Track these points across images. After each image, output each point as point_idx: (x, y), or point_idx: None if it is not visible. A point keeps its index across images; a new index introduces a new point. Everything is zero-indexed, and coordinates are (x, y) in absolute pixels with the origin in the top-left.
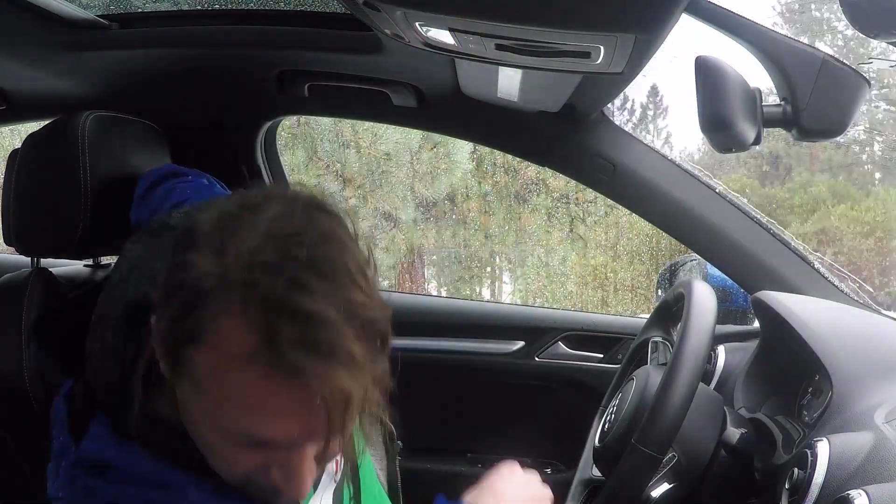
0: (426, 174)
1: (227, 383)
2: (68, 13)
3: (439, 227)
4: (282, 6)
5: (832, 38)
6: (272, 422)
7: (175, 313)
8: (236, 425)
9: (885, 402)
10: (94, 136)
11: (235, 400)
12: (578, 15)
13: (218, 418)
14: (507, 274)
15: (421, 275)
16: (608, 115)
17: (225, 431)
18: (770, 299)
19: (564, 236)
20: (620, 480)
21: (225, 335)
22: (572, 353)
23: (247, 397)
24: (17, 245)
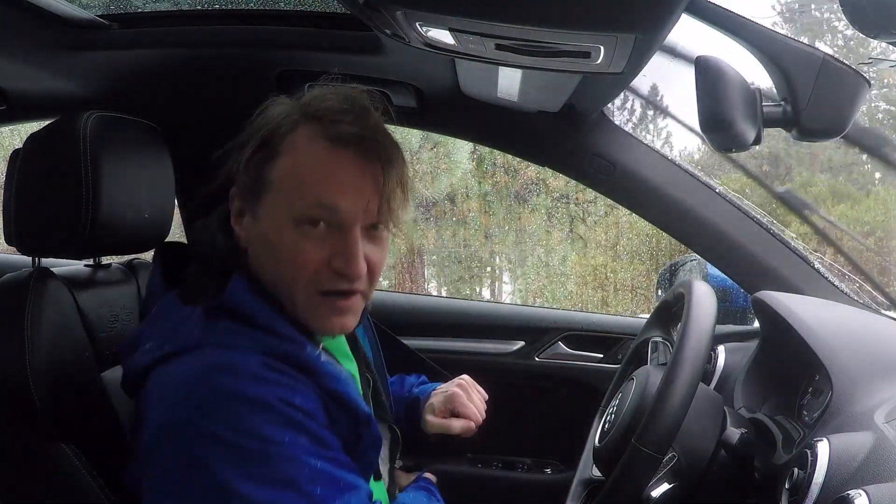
0: (426, 174)
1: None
2: (68, 13)
3: (439, 227)
4: (282, 6)
5: (832, 38)
6: (337, 189)
7: (257, 145)
8: (309, 199)
9: (885, 402)
10: (96, 136)
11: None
12: (578, 15)
13: (295, 205)
14: (507, 274)
15: (421, 275)
16: (608, 115)
17: (300, 217)
18: (770, 299)
19: (564, 236)
20: (620, 480)
21: (296, 140)
22: (572, 353)
23: (316, 171)
24: (18, 245)
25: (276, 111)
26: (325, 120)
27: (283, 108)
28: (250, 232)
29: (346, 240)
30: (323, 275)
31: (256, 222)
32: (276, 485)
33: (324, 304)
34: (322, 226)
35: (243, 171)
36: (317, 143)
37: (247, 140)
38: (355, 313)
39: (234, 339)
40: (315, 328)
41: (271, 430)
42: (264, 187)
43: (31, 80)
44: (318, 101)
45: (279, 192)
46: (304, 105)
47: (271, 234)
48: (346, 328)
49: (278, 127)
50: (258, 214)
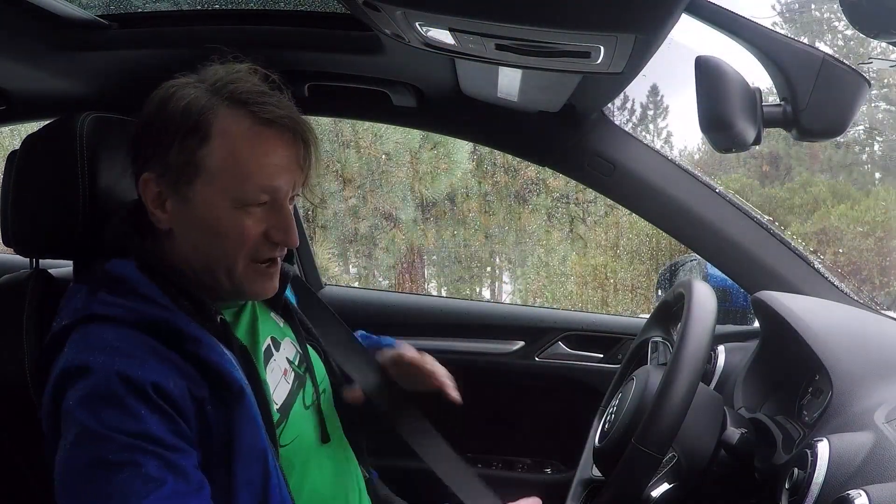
0: (426, 174)
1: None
2: (68, 13)
3: (439, 227)
4: (282, 6)
5: (832, 38)
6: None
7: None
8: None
9: (885, 402)
10: (93, 137)
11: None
12: (578, 15)
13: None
14: (507, 274)
15: (421, 275)
16: (608, 115)
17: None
18: (770, 299)
19: (564, 236)
20: (620, 480)
21: (225, 125)
22: (572, 353)
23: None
24: (16, 246)
25: (190, 96)
26: (251, 104)
27: (198, 92)
28: (176, 214)
29: (282, 214)
30: (260, 247)
31: (187, 204)
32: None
33: (257, 272)
34: (260, 206)
35: (164, 155)
36: (249, 129)
37: (163, 126)
38: (279, 275)
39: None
40: (248, 293)
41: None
42: (196, 173)
43: (31, 80)
44: (234, 85)
45: (217, 179)
46: (220, 88)
47: (209, 214)
48: (274, 290)
49: (202, 112)
50: (189, 197)
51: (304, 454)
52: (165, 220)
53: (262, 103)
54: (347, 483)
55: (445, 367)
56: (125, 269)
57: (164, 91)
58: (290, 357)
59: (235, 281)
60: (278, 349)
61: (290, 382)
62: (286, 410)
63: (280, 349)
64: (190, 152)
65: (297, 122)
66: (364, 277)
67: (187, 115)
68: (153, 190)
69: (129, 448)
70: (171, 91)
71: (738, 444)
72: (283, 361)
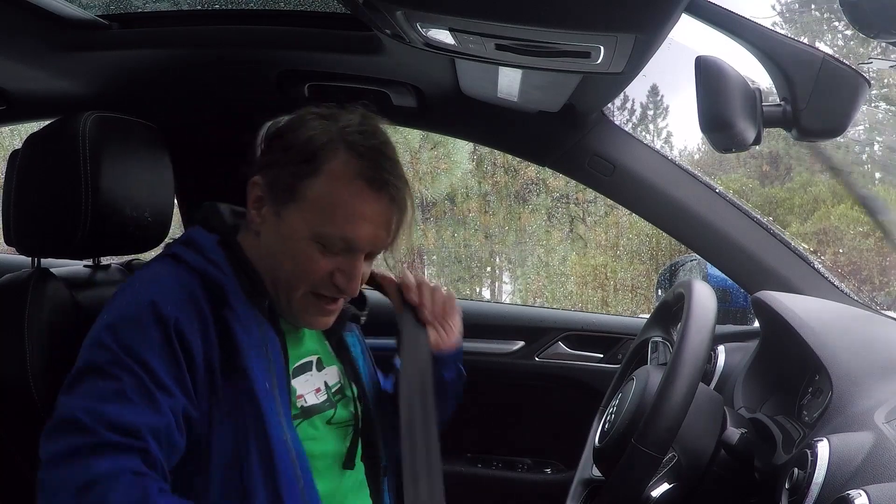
0: (426, 174)
1: (336, 198)
2: (68, 13)
3: (439, 227)
4: (282, 6)
5: (832, 38)
6: (361, 225)
7: (295, 158)
8: (335, 229)
9: (885, 402)
10: (95, 137)
11: (342, 208)
12: (578, 15)
13: (321, 227)
14: (507, 274)
15: (421, 275)
16: (608, 115)
17: (322, 237)
18: (770, 299)
19: (564, 236)
20: (620, 480)
21: (336, 168)
22: (572, 353)
23: (348, 205)
24: (18, 245)
25: (317, 128)
26: (366, 158)
27: (323, 125)
28: (268, 223)
29: (352, 263)
30: (322, 282)
31: (278, 220)
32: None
33: (314, 304)
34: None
35: (276, 171)
36: (354, 180)
37: (286, 146)
38: (335, 314)
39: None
40: (301, 321)
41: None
42: (295, 197)
43: (31, 80)
44: (360, 136)
45: (308, 210)
46: (346, 132)
47: (289, 237)
48: (326, 326)
49: (322, 147)
50: (282, 215)
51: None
52: (257, 222)
53: (375, 161)
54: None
55: None
56: (201, 235)
57: (303, 114)
58: (330, 383)
59: (292, 304)
60: (320, 370)
61: (318, 399)
62: (309, 413)
63: (321, 371)
64: (297, 178)
65: (399, 191)
66: None
67: (309, 145)
68: (256, 193)
69: (119, 363)
70: (308, 118)
71: (738, 444)
72: (319, 381)
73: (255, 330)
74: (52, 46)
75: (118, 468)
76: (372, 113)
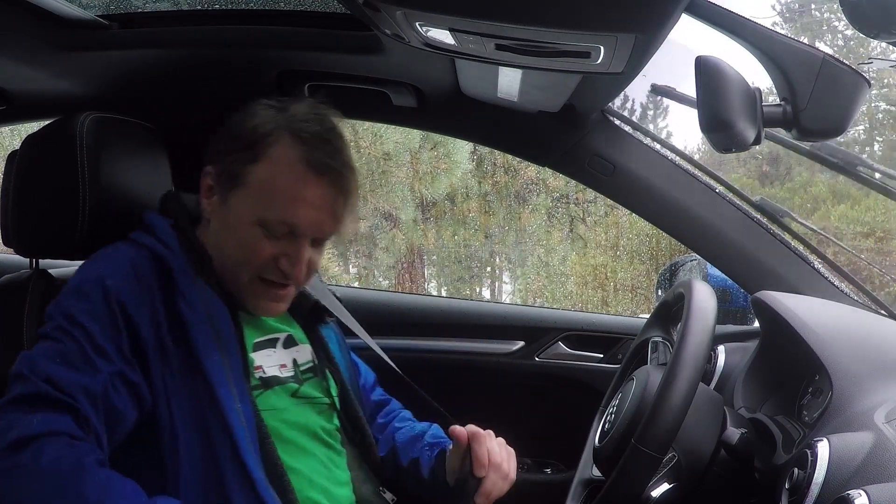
0: (426, 174)
1: (278, 182)
2: (68, 13)
3: (439, 227)
4: (282, 6)
5: (832, 38)
6: (302, 210)
7: (240, 146)
8: (277, 213)
9: (885, 402)
10: (92, 138)
11: (283, 192)
12: (578, 15)
13: (263, 211)
14: (507, 274)
15: (421, 275)
16: (608, 115)
17: (265, 222)
18: (770, 299)
19: (564, 236)
20: (620, 480)
21: (278, 153)
22: (572, 353)
23: (290, 190)
24: (17, 246)
25: (264, 117)
26: (308, 144)
27: (270, 115)
28: (217, 211)
29: (296, 248)
30: (268, 267)
31: (225, 207)
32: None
33: (263, 290)
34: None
35: (223, 160)
36: (295, 164)
37: (232, 135)
38: (287, 301)
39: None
40: (251, 307)
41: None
42: (239, 183)
43: (31, 80)
44: (304, 122)
45: (251, 195)
46: (291, 120)
47: (234, 223)
48: (277, 312)
49: (265, 134)
50: (228, 202)
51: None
52: (208, 211)
53: (317, 148)
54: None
55: (445, 367)
56: (155, 219)
57: (253, 105)
58: (300, 361)
59: (241, 290)
60: (288, 347)
61: (282, 373)
62: (269, 384)
63: (289, 349)
64: (241, 164)
65: (342, 177)
66: (364, 277)
67: (254, 133)
68: (207, 182)
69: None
70: (257, 108)
71: (738, 444)
72: (285, 358)
73: (200, 306)
74: (52, 46)
75: (52, 428)
76: (323, 105)
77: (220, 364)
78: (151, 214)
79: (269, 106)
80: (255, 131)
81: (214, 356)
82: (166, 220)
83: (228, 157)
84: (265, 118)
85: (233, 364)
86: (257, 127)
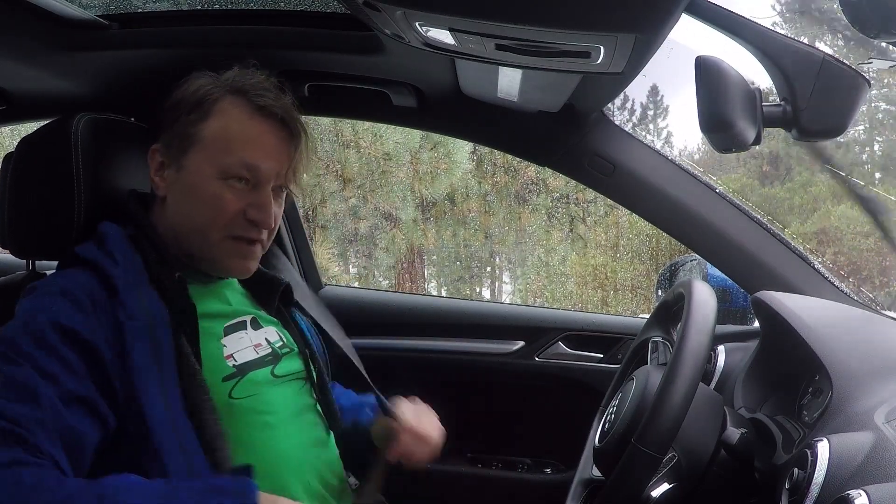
0: (426, 174)
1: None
2: (68, 13)
3: (439, 227)
4: (282, 6)
5: (832, 38)
6: (261, 154)
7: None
8: (235, 156)
9: (885, 402)
10: (88, 138)
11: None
12: (578, 15)
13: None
14: (507, 274)
15: (421, 275)
16: (608, 115)
17: (225, 170)
18: (770, 299)
19: (564, 236)
20: (620, 480)
21: (224, 106)
22: (572, 353)
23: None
24: (12, 247)
25: (202, 81)
26: (250, 93)
27: (209, 79)
28: (172, 182)
29: (261, 195)
30: (237, 222)
31: (180, 172)
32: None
33: (234, 247)
34: (242, 182)
35: (171, 129)
36: (244, 111)
37: (175, 104)
38: (256, 259)
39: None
40: (222, 267)
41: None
42: (193, 143)
43: (31, 80)
44: (241, 78)
45: (207, 149)
46: (228, 79)
47: (196, 182)
48: (248, 271)
49: (208, 94)
50: (183, 166)
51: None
52: (163, 187)
53: (259, 93)
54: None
55: (445, 367)
56: (107, 227)
57: (186, 79)
58: (272, 340)
59: (211, 251)
60: (256, 328)
61: (258, 353)
62: (244, 370)
63: (259, 329)
64: (191, 125)
65: (289, 114)
66: (364, 277)
67: (195, 95)
68: (157, 160)
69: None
70: (191, 79)
71: (738, 444)
72: (258, 337)
73: (141, 315)
74: (52, 46)
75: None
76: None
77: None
78: (105, 224)
79: (205, 74)
80: (199, 92)
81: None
82: (120, 230)
83: (176, 124)
84: (205, 82)
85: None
86: (200, 88)
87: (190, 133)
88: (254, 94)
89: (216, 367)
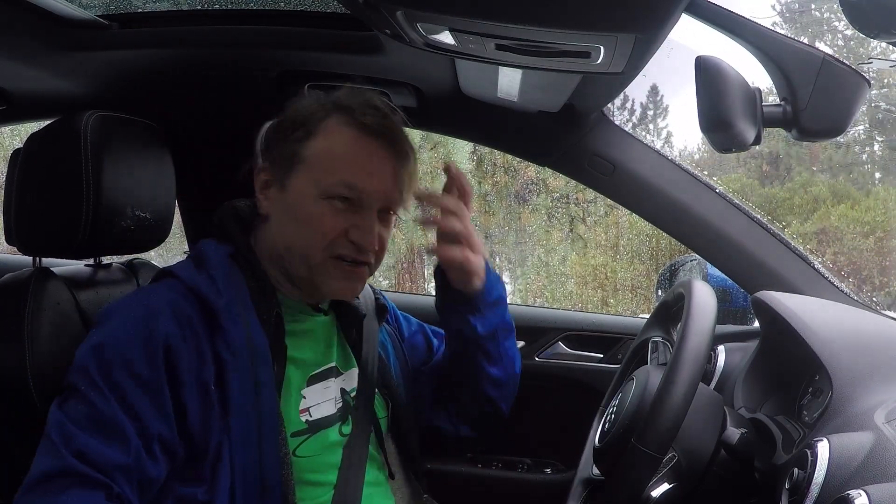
0: (426, 174)
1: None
2: (68, 13)
3: None
4: (282, 6)
5: (832, 38)
6: (364, 173)
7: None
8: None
9: (885, 401)
10: (97, 136)
11: (341, 157)
12: (578, 15)
13: (324, 178)
14: (508, 274)
15: (421, 275)
16: (608, 115)
17: (328, 191)
18: (770, 299)
19: (564, 236)
20: (620, 480)
21: (330, 125)
22: (572, 353)
23: (348, 154)
24: (19, 244)
25: (311, 101)
26: (356, 112)
27: (316, 99)
28: (275, 201)
29: (364, 216)
30: (339, 242)
31: (284, 192)
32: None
33: (336, 267)
34: (345, 202)
35: (277, 148)
36: (348, 130)
37: (283, 123)
38: (361, 281)
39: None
40: (325, 289)
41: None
42: (297, 162)
43: (31, 80)
44: (348, 96)
45: (311, 168)
46: (336, 99)
47: (298, 202)
48: (353, 292)
49: (314, 113)
50: (287, 185)
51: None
52: (266, 206)
53: (366, 114)
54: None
55: None
56: (209, 248)
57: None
58: (348, 389)
59: (312, 271)
60: (337, 376)
61: (335, 409)
62: (315, 428)
63: (339, 378)
64: (296, 144)
65: (396, 134)
66: None
67: (302, 114)
68: (263, 178)
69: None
70: (300, 100)
71: (738, 444)
72: (336, 390)
73: (244, 348)
74: (52, 46)
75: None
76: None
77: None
78: (207, 244)
79: (314, 94)
80: (304, 111)
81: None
82: (222, 249)
83: (282, 143)
84: (312, 101)
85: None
86: (307, 108)
87: (295, 152)
88: (359, 112)
89: (288, 420)
